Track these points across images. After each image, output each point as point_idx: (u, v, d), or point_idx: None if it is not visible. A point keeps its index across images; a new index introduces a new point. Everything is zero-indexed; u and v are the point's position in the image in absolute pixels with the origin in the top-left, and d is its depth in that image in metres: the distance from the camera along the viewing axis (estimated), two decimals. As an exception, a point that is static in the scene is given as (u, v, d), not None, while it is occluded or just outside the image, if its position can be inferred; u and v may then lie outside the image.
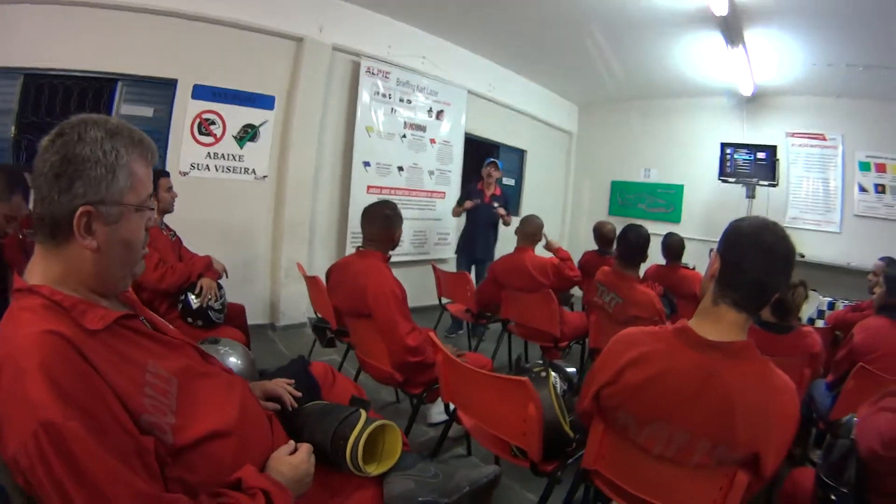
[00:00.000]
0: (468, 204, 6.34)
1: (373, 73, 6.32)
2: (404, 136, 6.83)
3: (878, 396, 1.86)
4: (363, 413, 1.72)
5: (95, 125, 1.16)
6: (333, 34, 5.93)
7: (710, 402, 1.59)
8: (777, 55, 6.78)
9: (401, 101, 6.72)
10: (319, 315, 4.20)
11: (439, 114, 7.24)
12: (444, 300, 5.64)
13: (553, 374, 2.33)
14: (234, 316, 3.81)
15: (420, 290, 6.25)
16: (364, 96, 6.26)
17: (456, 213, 6.69)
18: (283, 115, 5.75)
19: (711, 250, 1.71)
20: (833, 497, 1.75)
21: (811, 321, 5.63)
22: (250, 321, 4.14)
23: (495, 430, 2.36)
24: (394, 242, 3.33)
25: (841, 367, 3.34)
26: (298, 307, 5.84)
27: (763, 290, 1.63)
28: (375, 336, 3.07)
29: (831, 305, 6.37)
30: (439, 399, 3.15)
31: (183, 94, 5.13)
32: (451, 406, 2.70)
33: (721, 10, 5.30)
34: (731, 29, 5.88)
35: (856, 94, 7.59)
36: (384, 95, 6.49)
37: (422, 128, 7.03)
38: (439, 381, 2.62)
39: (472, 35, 7.15)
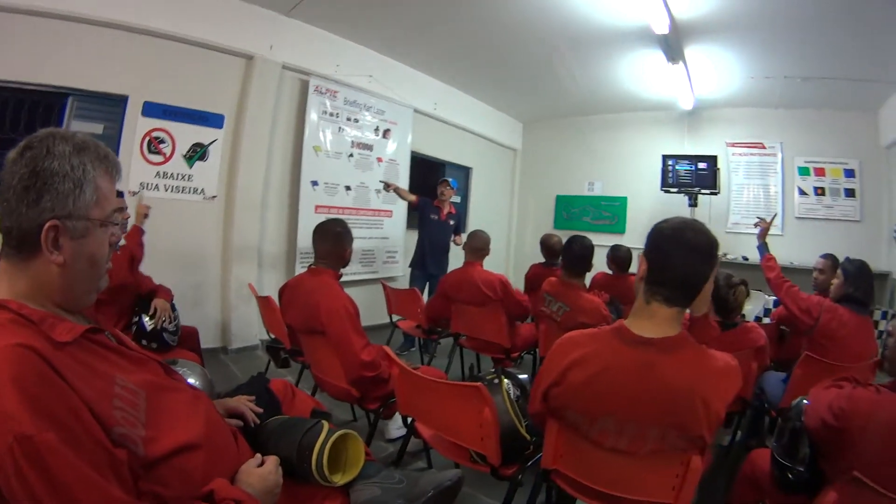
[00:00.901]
0: (409, 197, 6.61)
1: (321, 92, 6.49)
2: (351, 155, 7.01)
3: (831, 381, 2.08)
4: (325, 424, 1.80)
5: (63, 140, 1.20)
6: (283, 52, 6.08)
7: (651, 393, 1.74)
8: (716, 70, 7.28)
9: (348, 119, 6.91)
10: (273, 335, 4.26)
11: (386, 132, 7.46)
12: (395, 317, 5.78)
13: (506, 380, 2.48)
14: (187, 339, 3.85)
15: (371, 308, 6.37)
16: (312, 115, 6.42)
17: (392, 190, 6.69)
18: (232, 134, 5.82)
19: (640, 254, 1.88)
20: (790, 475, 1.96)
21: (758, 319, 6.02)
22: (202, 345, 4.17)
23: (454, 437, 2.45)
24: (345, 260, 3.42)
25: (795, 338, 3.92)
26: (250, 329, 5.90)
27: (690, 284, 1.78)
28: (330, 353, 3.13)
29: (777, 304, 6.83)
30: (397, 414, 3.23)
31: (133, 110, 5.16)
32: (410, 419, 2.78)
33: (662, 28, 5.68)
34: (672, 46, 6.27)
35: (793, 104, 8.24)
36: (332, 114, 6.67)
37: (369, 147, 7.23)
38: (395, 394, 2.71)
39: (419, 54, 7.41)
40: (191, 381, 2.18)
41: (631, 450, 1.84)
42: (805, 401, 2.04)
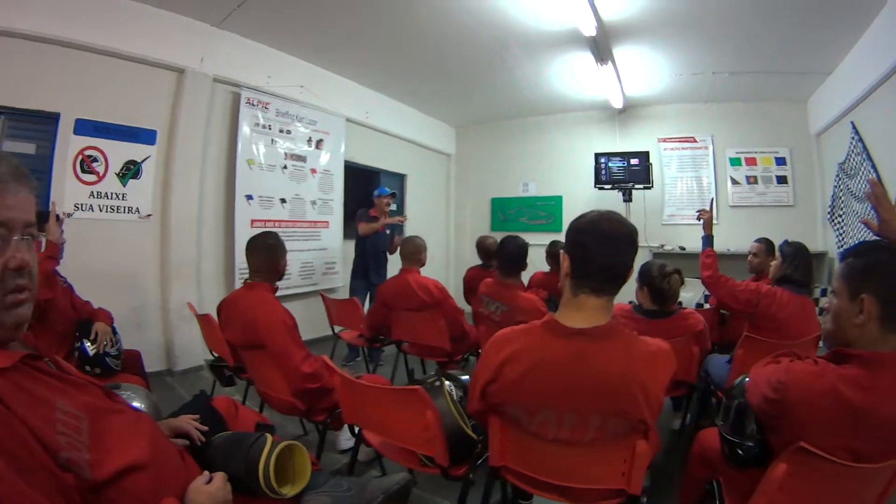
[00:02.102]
0: (378, 225, 6.72)
1: (253, 105, 6.61)
2: (285, 167, 7.14)
3: (773, 357, 2.14)
4: (269, 436, 1.84)
5: None
6: (214, 65, 6.16)
7: (587, 382, 1.84)
8: (645, 69, 7.76)
9: (281, 131, 7.04)
10: (216, 354, 4.24)
11: (319, 143, 7.63)
12: (337, 328, 5.93)
13: (447, 382, 2.57)
14: (131, 363, 3.87)
15: (312, 321, 6.54)
16: (244, 128, 6.53)
17: (364, 231, 6.79)
18: (165, 150, 5.85)
19: (561, 251, 2.00)
20: (740, 451, 2.04)
21: (699, 306, 6.40)
22: (147, 368, 4.19)
23: (400, 442, 2.52)
24: (279, 272, 3.49)
25: (738, 316, 4.14)
26: (194, 350, 5.89)
27: (614, 273, 1.89)
28: (272, 367, 3.19)
29: None
30: (346, 425, 3.19)
31: (65, 128, 5.13)
32: (357, 428, 2.81)
33: (589, 31, 6.00)
34: (600, 47, 6.62)
35: (722, 98, 8.89)
36: (264, 127, 6.79)
37: (302, 158, 7.38)
38: (340, 404, 2.76)
39: (350, 63, 7.61)
40: (135, 404, 2.22)
41: (573, 439, 1.94)
42: (747, 379, 2.14)
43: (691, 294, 7.38)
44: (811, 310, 4.09)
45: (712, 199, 5.30)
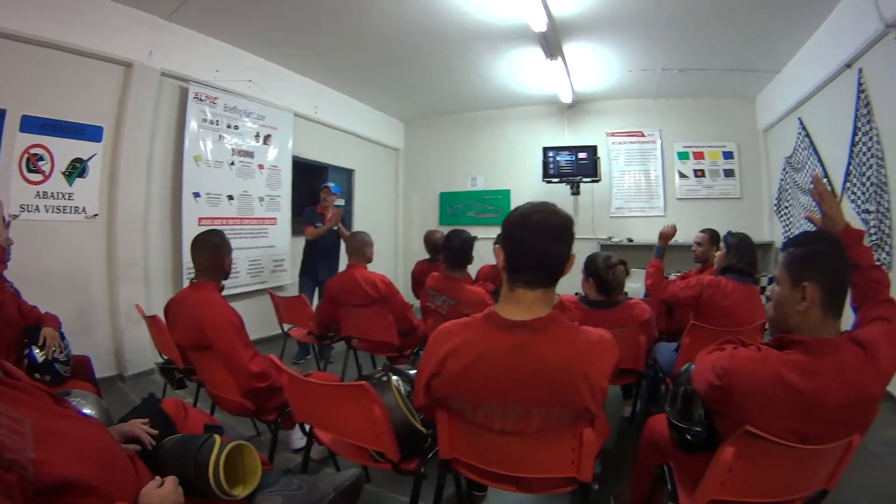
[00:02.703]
0: (324, 228, 6.73)
1: (200, 100, 6.53)
2: (233, 163, 7.06)
3: (718, 343, 2.20)
4: (217, 437, 1.88)
5: None
6: (162, 59, 6.04)
7: (529, 374, 1.86)
8: (594, 64, 7.95)
9: (228, 127, 6.96)
10: (165, 356, 4.21)
11: (266, 138, 7.57)
12: (287, 326, 5.91)
13: (394, 377, 2.58)
14: (80, 369, 3.79)
15: (262, 319, 6.62)
16: (192, 124, 6.44)
17: (312, 235, 6.85)
18: (111, 147, 5.71)
19: (496, 245, 2.08)
20: (689, 437, 2.08)
21: (647, 296, 6.60)
22: (97, 374, 4.10)
23: (350, 438, 2.56)
24: (225, 271, 3.48)
25: (682, 311, 4.29)
26: (144, 353, 5.78)
27: (548, 264, 1.93)
28: (220, 368, 3.17)
29: (665, 279, 7.46)
30: (297, 423, 3.19)
31: (11, 126, 4.96)
32: (308, 426, 2.81)
33: (540, 26, 6.09)
34: (550, 43, 6.74)
35: (671, 94, 9.22)
36: (212, 122, 6.71)
37: (250, 154, 7.31)
38: (289, 402, 2.81)
39: (298, 56, 7.58)
40: (86, 411, 2.24)
41: (518, 430, 1.98)
42: (693, 366, 2.19)
43: (639, 284, 7.55)
44: (756, 298, 4.26)
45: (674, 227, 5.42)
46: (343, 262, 5.54)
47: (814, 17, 6.25)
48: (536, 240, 1.90)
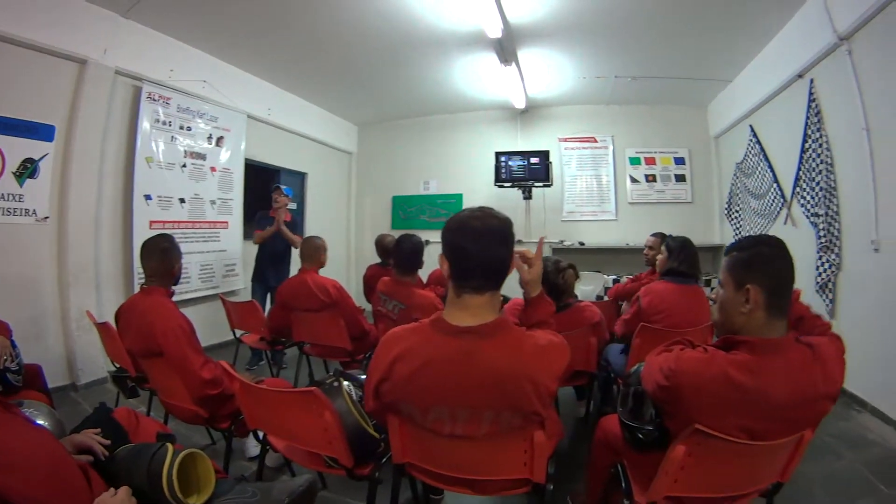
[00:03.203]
0: (268, 232, 6.71)
1: (154, 100, 6.38)
2: (185, 165, 6.93)
3: (666, 345, 2.25)
4: (170, 446, 1.88)
5: None
6: (117, 57, 5.88)
7: (477, 379, 1.89)
8: (549, 71, 8.08)
9: (181, 128, 6.82)
10: (117, 365, 4.12)
11: (219, 140, 7.45)
12: (239, 332, 5.85)
13: (345, 382, 2.60)
14: (32, 378, 3.65)
15: (214, 325, 6.53)
16: (144, 124, 6.29)
17: (259, 240, 6.87)
18: (63, 147, 5.54)
19: (439, 255, 2.03)
20: (640, 435, 2.16)
21: (599, 298, 6.69)
22: (49, 384, 4.00)
23: (304, 445, 2.55)
24: (175, 276, 3.46)
25: (631, 325, 4.19)
26: (97, 361, 5.65)
27: (494, 268, 1.96)
28: (172, 375, 3.14)
29: (616, 282, 7.59)
30: (251, 431, 3.21)
31: None
32: (262, 433, 2.82)
33: (495, 32, 6.16)
34: (505, 49, 6.83)
35: (624, 101, 9.46)
36: (164, 123, 6.56)
37: (202, 156, 7.19)
38: (241, 409, 2.77)
39: (253, 57, 7.48)
40: (39, 422, 2.20)
41: (468, 434, 2.00)
42: (643, 366, 2.25)
43: (591, 287, 7.70)
44: (701, 297, 4.39)
45: None
46: (295, 267, 5.50)
47: (768, 29, 6.52)
48: (481, 246, 1.92)
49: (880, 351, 4.88)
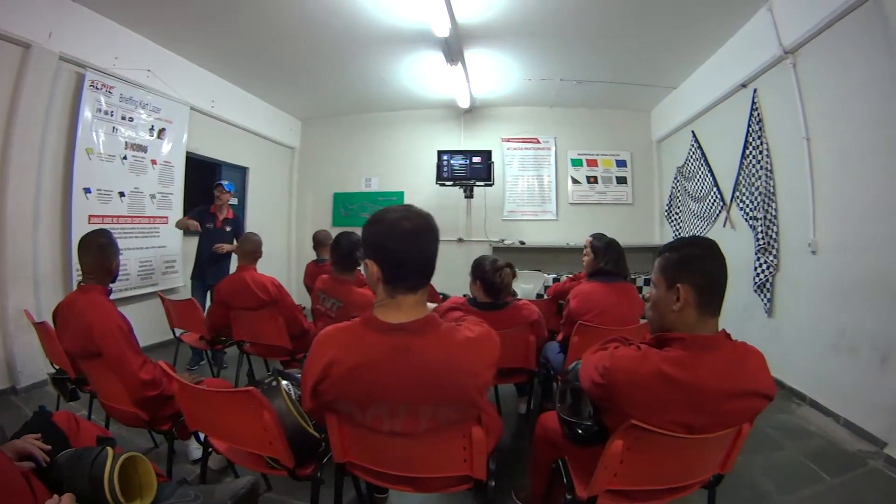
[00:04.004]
0: (192, 224, 6.50)
1: (97, 88, 6.03)
2: (125, 157, 6.58)
3: (601, 343, 2.30)
4: (110, 450, 1.84)
5: None
6: (62, 41, 5.56)
7: (413, 375, 1.88)
8: (494, 72, 8.12)
9: (123, 119, 6.47)
10: (57, 366, 3.90)
11: (161, 132, 7.12)
12: (179, 331, 5.65)
13: (284, 382, 2.59)
14: None
15: (154, 324, 6.30)
16: (86, 114, 5.94)
17: (179, 225, 6.73)
18: (1, 137, 5.18)
19: (367, 260, 1.99)
20: (580, 431, 2.20)
21: (540, 296, 6.71)
22: None
23: (245, 446, 2.49)
24: (112, 273, 3.34)
25: (566, 328, 4.24)
26: (37, 362, 5.29)
27: (428, 267, 1.98)
28: (111, 376, 3.04)
29: (556, 281, 7.65)
30: (193, 433, 3.17)
31: None
32: (203, 435, 2.77)
33: (443, 31, 6.13)
34: (452, 48, 6.79)
35: (568, 104, 9.60)
36: (106, 113, 6.21)
37: (143, 148, 6.84)
38: (182, 411, 2.68)
39: (199, 47, 7.20)
40: None
41: (407, 430, 1.99)
42: (580, 363, 2.29)
43: (531, 286, 7.75)
44: (633, 294, 4.44)
45: None
46: (235, 265, 5.32)
47: (715, 39, 6.74)
48: (416, 247, 1.93)
49: (817, 347, 5.19)
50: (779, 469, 3.92)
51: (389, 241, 1.91)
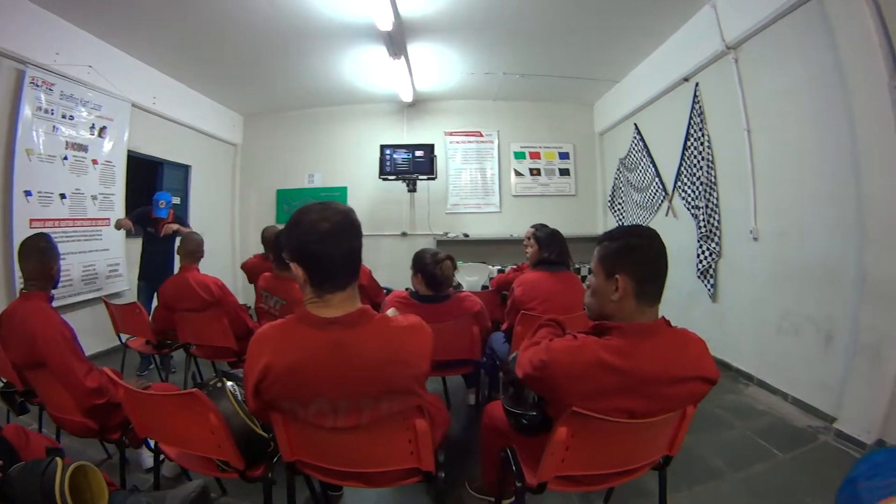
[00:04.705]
0: (126, 223, 6.26)
1: (37, 85, 5.70)
2: (66, 157, 6.24)
3: (532, 331, 2.37)
4: (59, 460, 1.83)
5: None
6: (2, 36, 5.22)
7: (351, 368, 1.88)
8: (437, 65, 8.10)
9: (63, 117, 6.13)
10: (4, 379, 3.68)
11: (102, 130, 6.77)
12: (125, 337, 5.43)
13: (229, 383, 2.54)
14: None
15: (100, 330, 6.01)
16: (26, 112, 5.60)
17: (118, 226, 6.40)
18: None
19: (292, 263, 1.95)
20: (525, 420, 2.25)
21: (485, 288, 6.70)
22: None
23: (195, 449, 2.45)
24: (53, 278, 3.23)
25: (510, 317, 4.26)
26: None
27: (353, 264, 1.96)
28: (58, 386, 2.94)
29: (500, 272, 7.64)
30: (144, 441, 3.05)
31: None
32: (153, 442, 2.73)
33: (386, 25, 6.05)
34: (395, 42, 6.73)
35: (511, 97, 9.62)
36: (46, 111, 5.87)
37: (84, 147, 6.49)
38: (130, 418, 2.61)
39: (140, 40, 6.86)
40: None
41: (350, 425, 1.99)
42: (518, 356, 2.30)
43: (476, 277, 7.73)
44: (574, 283, 4.46)
45: None
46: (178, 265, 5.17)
47: (657, 35, 6.87)
48: (337, 247, 1.89)
49: (761, 329, 5.40)
50: (730, 447, 4.01)
51: (309, 245, 1.88)
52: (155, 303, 5.78)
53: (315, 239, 1.86)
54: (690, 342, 2.04)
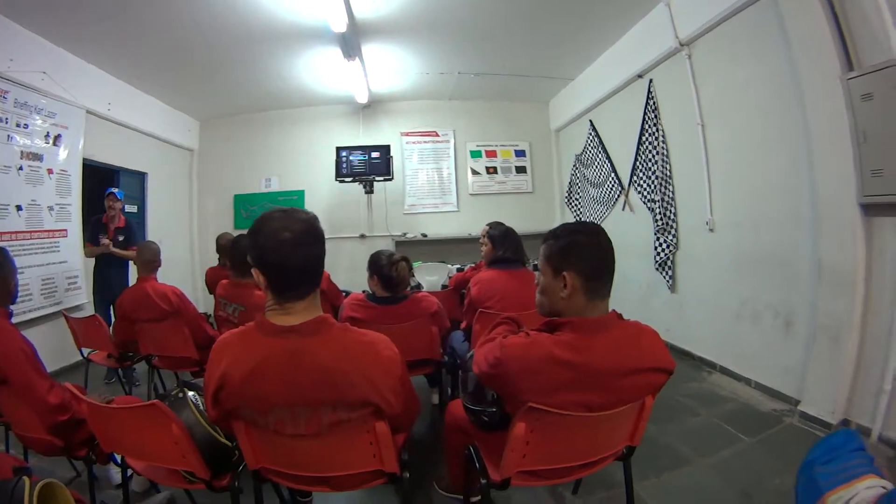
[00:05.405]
0: (105, 242, 6.15)
1: None
2: (21, 168, 5.95)
3: (489, 329, 2.40)
4: (26, 479, 1.74)
5: None
6: None
7: (309, 376, 1.85)
8: (392, 66, 8.06)
9: (17, 126, 5.85)
10: None
11: (56, 139, 6.49)
12: (87, 351, 5.23)
13: (190, 392, 2.48)
14: None
15: (62, 346, 5.81)
16: None
17: (90, 254, 6.29)
18: None
19: (253, 269, 1.93)
20: (485, 418, 2.25)
21: (445, 287, 6.68)
22: None
23: (160, 462, 2.40)
24: (11, 294, 3.05)
25: (468, 315, 4.26)
26: None
27: (311, 274, 1.93)
28: (21, 404, 2.83)
29: (460, 271, 7.64)
30: (111, 457, 3.03)
31: None
32: (120, 457, 2.69)
33: (340, 26, 5.98)
34: (349, 43, 6.65)
35: (466, 97, 9.64)
36: (1, 120, 5.61)
37: (38, 157, 6.21)
38: (94, 433, 2.56)
39: (94, 45, 6.60)
40: None
41: (310, 431, 1.96)
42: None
43: (436, 277, 7.68)
44: (532, 280, 4.45)
45: None
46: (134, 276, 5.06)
47: (611, 33, 6.95)
48: (298, 256, 1.87)
49: (721, 317, 5.47)
50: (697, 434, 4.02)
51: (270, 253, 1.85)
52: (112, 315, 5.75)
53: (275, 247, 1.83)
54: (643, 334, 2.07)
